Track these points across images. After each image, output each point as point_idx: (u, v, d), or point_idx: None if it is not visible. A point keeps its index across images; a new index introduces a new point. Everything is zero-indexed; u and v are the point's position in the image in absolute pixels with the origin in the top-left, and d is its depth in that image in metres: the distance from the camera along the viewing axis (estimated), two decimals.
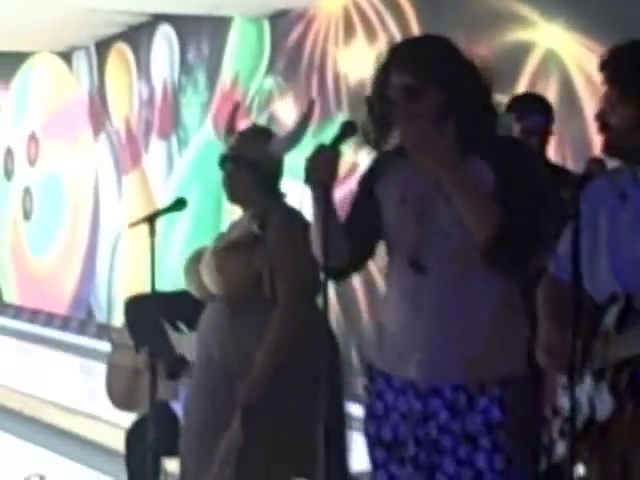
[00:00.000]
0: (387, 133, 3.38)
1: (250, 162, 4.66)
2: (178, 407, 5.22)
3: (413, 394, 3.42)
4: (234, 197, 4.67)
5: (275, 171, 4.72)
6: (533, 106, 5.08)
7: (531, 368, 3.50)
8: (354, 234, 3.46)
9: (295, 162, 8.72)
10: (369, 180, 3.44)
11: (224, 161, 4.70)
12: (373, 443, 3.53)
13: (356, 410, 4.26)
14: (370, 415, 3.51)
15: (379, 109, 3.38)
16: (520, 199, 3.29)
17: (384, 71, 3.35)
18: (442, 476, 3.39)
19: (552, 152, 7.68)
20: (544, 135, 5.35)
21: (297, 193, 5.74)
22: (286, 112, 10.25)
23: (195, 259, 4.72)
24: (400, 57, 3.36)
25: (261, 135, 4.87)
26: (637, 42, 3.10)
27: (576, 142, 7.35)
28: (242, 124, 10.32)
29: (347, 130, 3.31)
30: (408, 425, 3.45)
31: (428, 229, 3.38)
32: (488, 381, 3.37)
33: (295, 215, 4.64)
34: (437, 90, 3.31)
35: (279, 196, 4.66)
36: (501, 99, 7.83)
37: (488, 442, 3.35)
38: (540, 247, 3.39)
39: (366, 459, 3.61)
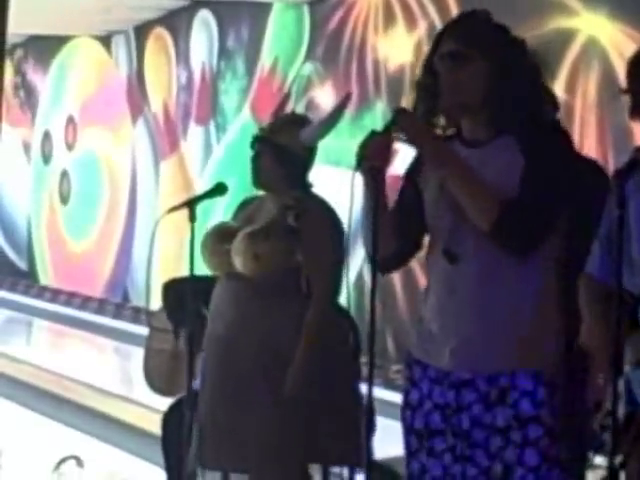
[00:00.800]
0: (434, 107, 3.31)
1: (280, 146, 4.62)
2: None
3: (447, 384, 3.40)
4: (259, 180, 4.62)
5: (304, 160, 4.68)
6: None
7: (570, 364, 3.44)
8: (402, 226, 3.42)
9: (333, 148, 8.19)
10: (414, 171, 3.40)
11: (254, 142, 4.65)
12: (407, 431, 3.50)
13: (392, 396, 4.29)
14: (406, 403, 3.50)
15: (425, 81, 3.32)
16: (543, 194, 3.24)
17: (435, 44, 3.32)
18: (473, 469, 3.36)
19: (593, 141, 7.89)
20: None
21: (335, 180, 5.72)
22: (325, 99, 10.23)
23: (218, 237, 4.67)
24: (449, 27, 3.35)
25: (295, 122, 4.81)
26: None
27: (618, 131, 7.36)
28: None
29: (400, 116, 3.27)
30: (441, 415, 3.43)
31: (463, 218, 3.32)
32: (520, 374, 3.32)
33: (331, 211, 4.62)
34: (481, 59, 3.26)
35: (306, 186, 4.65)
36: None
37: (519, 436, 3.31)
38: (547, 233, 3.30)
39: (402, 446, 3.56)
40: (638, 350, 3.12)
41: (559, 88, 7.70)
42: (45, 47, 14.91)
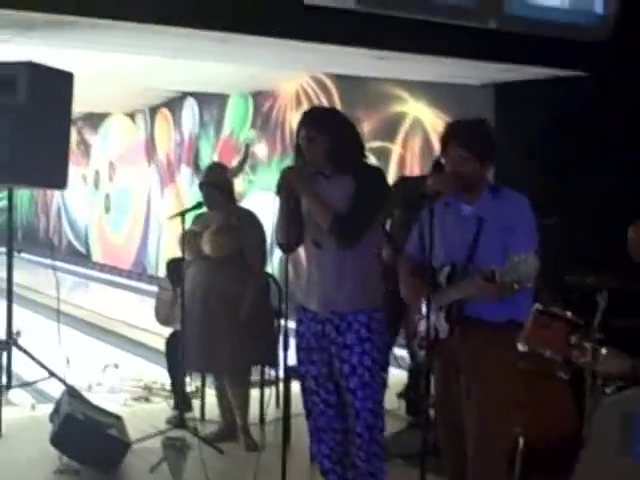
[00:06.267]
0: (304, 162, 3.61)
1: (218, 184, 5.07)
2: None
3: (317, 320, 3.69)
4: (210, 204, 5.08)
5: (231, 188, 5.14)
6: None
7: (391, 307, 3.76)
8: (296, 225, 3.63)
9: (267, 180, 9.84)
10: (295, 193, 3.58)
11: (202, 185, 5.11)
12: (297, 349, 3.79)
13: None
14: (297, 332, 3.77)
15: (298, 149, 3.63)
16: (363, 208, 3.52)
17: (297, 129, 3.65)
18: (335, 370, 3.69)
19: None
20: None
21: (267, 200, 5.48)
22: (261, 151, 11.43)
23: (192, 235, 5.05)
24: (302, 120, 3.66)
25: (220, 168, 5.34)
26: (467, 120, 3.34)
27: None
28: (234, 159, 11.08)
29: (289, 168, 3.59)
30: (315, 339, 3.72)
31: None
32: (358, 312, 3.60)
33: (255, 215, 5.07)
34: (321, 135, 3.56)
35: (235, 201, 5.16)
36: (389, 146, 8.73)
37: (359, 349, 3.61)
38: (368, 229, 3.55)
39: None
40: (437, 301, 3.31)
41: (398, 146, 8.77)
42: (95, 119, 16.61)
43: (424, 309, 3.25)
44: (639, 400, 3.34)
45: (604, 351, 4.42)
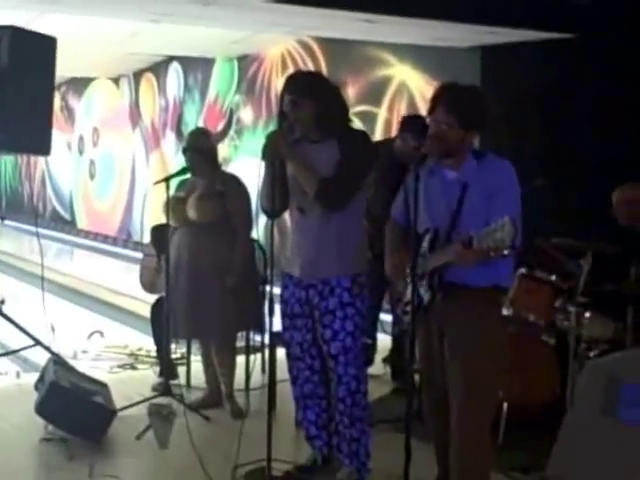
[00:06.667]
0: (290, 126, 3.61)
1: (202, 149, 5.03)
2: None
3: (301, 286, 3.76)
4: (194, 170, 5.06)
5: (215, 153, 5.13)
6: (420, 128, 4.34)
7: (375, 272, 3.84)
8: (282, 191, 3.66)
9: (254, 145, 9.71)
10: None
11: (185, 150, 5.07)
12: (282, 315, 3.84)
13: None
14: (281, 298, 3.84)
15: (281, 114, 3.64)
16: (347, 173, 3.56)
17: (281, 94, 3.68)
18: (319, 335, 3.75)
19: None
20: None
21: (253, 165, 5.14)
22: (246, 116, 11.45)
23: (177, 201, 5.02)
24: (286, 83, 3.68)
25: (204, 133, 5.32)
26: (458, 85, 3.31)
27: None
28: (219, 124, 11.12)
29: (273, 132, 3.60)
30: (299, 305, 3.77)
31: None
32: (341, 277, 3.67)
33: (240, 180, 5.05)
34: (306, 101, 3.59)
35: (219, 166, 5.13)
36: (375, 110, 8.74)
37: (342, 314, 3.68)
38: (354, 194, 3.60)
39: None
40: (423, 267, 3.30)
41: (384, 110, 8.74)
42: (79, 84, 16.60)
43: (408, 275, 3.27)
44: (623, 364, 3.36)
45: (588, 315, 4.44)
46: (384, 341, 5.79)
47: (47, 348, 5.37)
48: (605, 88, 6.44)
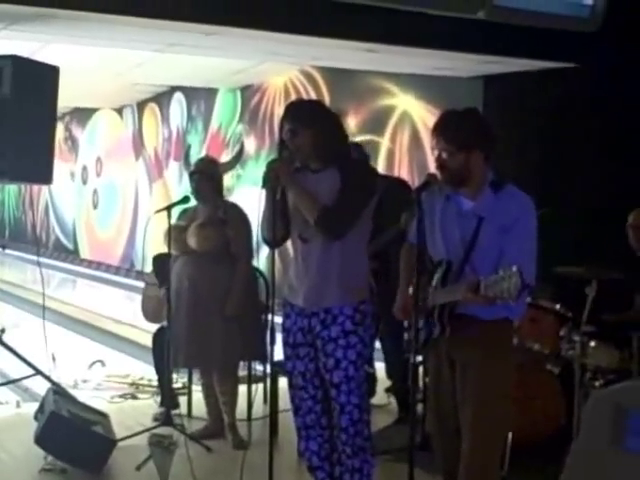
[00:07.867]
0: (290, 156, 3.60)
1: (209, 175, 5.12)
2: None
3: (303, 315, 3.70)
4: (199, 196, 5.12)
5: (221, 181, 5.20)
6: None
7: (379, 300, 3.79)
8: (283, 221, 3.64)
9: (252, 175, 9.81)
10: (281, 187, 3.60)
11: (192, 175, 5.16)
12: (284, 344, 3.79)
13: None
14: (283, 327, 3.79)
15: (282, 143, 3.62)
16: (348, 202, 3.54)
17: (281, 124, 3.64)
18: (321, 365, 3.70)
19: (405, 171, 8.55)
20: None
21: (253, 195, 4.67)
22: (249, 145, 11.60)
23: (178, 230, 5.06)
24: (285, 113, 3.65)
25: (212, 161, 5.46)
26: (454, 111, 3.32)
27: (419, 167, 8.37)
28: (222, 154, 11.27)
29: (275, 161, 3.58)
30: (302, 334, 3.73)
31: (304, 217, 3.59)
32: (344, 305, 3.62)
33: (241, 209, 5.11)
34: (305, 129, 3.54)
35: (223, 195, 5.20)
36: (377, 140, 8.80)
37: (344, 342, 3.63)
38: (354, 222, 3.55)
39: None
40: (433, 299, 3.30)
41: (386, 140, 8.85)
42: (83, 114, 16.75)
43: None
44: (630, 393, 3.28)
45: (593, 344, 4.43)
46: (381, 370, 5.76)
47: (47, 377, 5.37)
48: (607, 116, 6.45)
